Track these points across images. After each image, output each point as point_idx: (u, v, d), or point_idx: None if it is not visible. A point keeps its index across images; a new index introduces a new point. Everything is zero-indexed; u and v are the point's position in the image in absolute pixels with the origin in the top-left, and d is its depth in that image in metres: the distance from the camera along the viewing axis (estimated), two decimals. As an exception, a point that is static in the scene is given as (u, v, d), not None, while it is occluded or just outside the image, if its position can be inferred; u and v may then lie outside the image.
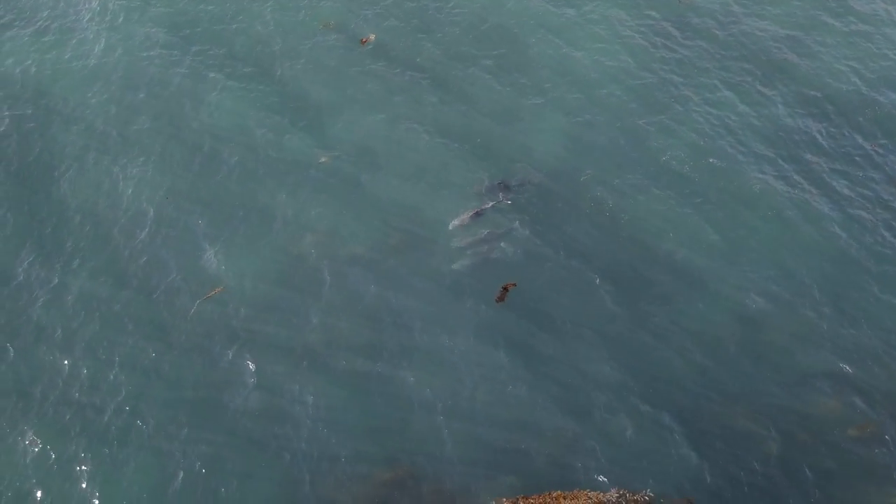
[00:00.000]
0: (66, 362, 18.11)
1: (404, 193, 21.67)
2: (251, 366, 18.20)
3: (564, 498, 16.03)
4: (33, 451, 16.76)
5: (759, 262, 20.35)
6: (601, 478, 16.57)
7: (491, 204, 21.30)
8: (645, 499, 16.16)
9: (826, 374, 18.27)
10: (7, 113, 23.35)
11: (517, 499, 16.19)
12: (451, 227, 20.81)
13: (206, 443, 17.03)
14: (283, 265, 20.10)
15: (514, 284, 19.57)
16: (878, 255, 20.45)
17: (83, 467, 16.58)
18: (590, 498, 16.05)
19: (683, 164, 22.54)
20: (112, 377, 17.90)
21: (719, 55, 25.93)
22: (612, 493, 16.23)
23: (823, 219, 21.27)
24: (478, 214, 21.05)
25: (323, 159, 22.36)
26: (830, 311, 19.34)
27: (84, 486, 16.34)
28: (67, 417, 17.29)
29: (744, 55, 25.97)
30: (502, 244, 20.53)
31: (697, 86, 24.90)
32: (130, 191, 21.48)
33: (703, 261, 20.37)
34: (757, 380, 18.19)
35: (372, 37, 26.02)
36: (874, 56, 25.87)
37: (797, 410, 17.71)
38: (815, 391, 18.03)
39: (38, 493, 16.23)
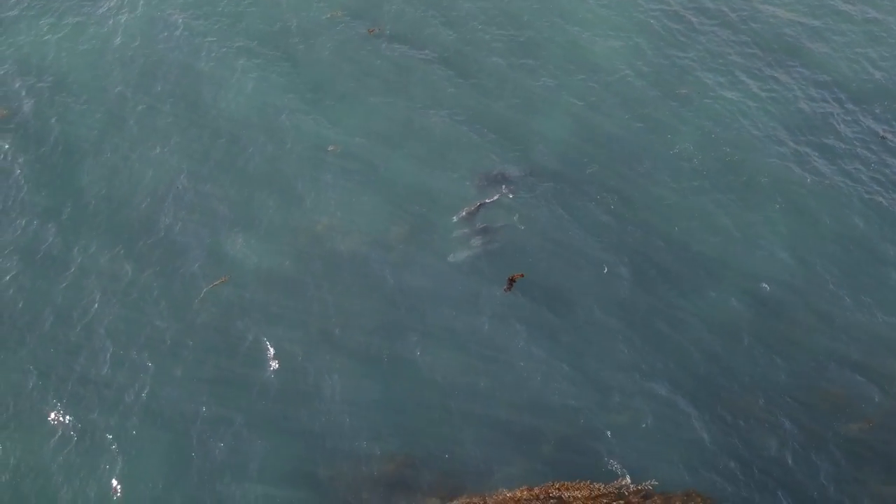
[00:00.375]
0: (85, 344, 18.44)
1: (418, 179, 21.81)
2: (269, 348, 18.47)
3: (567, 489, 16.13)
4: (54, 431, 17.10)
5: (772, 250, 20.37)
6: (613, 462, 16.74)
7: (496, 196, 21.38)
8: (648, 488, 16.28)
9: (839, 363, 18.31)
10: (25, 99, 23.59)
11: (522, 489, 16.32)
12: (455, 220, 20.90)
13: (224, 422, 17.34)
14: (299, 248, 20.32)
15: (522, 275, 19.66)
16: (894, 243, 20.46)
17: (103, 447, 16.91)
18: (592, 489, 16.15)
19: (696, 151, 22.52)
20: (131, 358, 18.23)
21: (733, 41, 25.84)
22: (614, 485, 16.32)
23: (838, 207, 21.23)
24: (482, 206, 21.15)
25: (331, 147, 22.52)
26: (844, 300, 19.35)
27: (105, 465, 16.67)
28: (87, 398, 17.63)
29: (757, 41, 25.87)
30: (508, 234, 20.63)
31: (712, 72, 24.83)
32: (149, 176, 21.72)
33: (717, 249, 20.41)
34: (769, 368, 18.25)
35: (385, 26, 26.07)
36: (888, 44, 25.74)
37: (809, 400, 17.77)
38: (828, 381, 18.07)
39: (60, 475, 16.54)
